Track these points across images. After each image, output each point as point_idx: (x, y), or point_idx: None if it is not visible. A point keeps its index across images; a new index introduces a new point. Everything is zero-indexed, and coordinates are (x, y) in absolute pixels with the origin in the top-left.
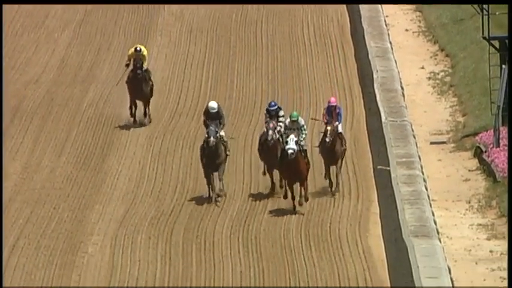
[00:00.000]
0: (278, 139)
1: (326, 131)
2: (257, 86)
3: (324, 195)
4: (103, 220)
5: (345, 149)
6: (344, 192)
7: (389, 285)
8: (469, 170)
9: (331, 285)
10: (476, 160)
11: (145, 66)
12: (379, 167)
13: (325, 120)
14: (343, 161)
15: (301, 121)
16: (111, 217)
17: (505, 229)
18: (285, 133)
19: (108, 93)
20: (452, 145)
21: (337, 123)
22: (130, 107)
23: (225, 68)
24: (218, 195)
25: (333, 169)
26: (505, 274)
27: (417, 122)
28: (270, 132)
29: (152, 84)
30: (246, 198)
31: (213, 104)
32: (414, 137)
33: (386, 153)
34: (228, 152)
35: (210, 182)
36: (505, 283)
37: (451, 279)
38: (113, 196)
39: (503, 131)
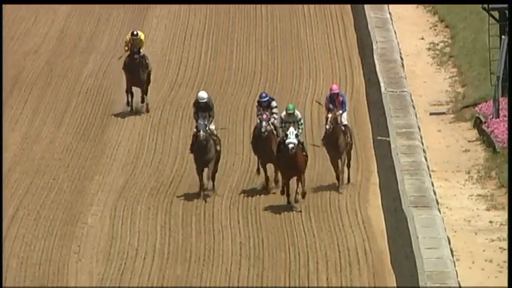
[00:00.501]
0: (272, 131)
1: (327, 119)
2: (256, 57)
3: (323, 166)
4: (102, 191)
5: (351, 143)
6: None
7: (388, 256)
8: (469, 141)
9: (330, 256)
10: (476, 131)
11: (142, 51)
12: (378, 137)
13: (328, 107)
14: (350, 164)
15: (298, 114)
16: (111, 188)
17: (504, 200)
18: (281, 126)
19: (107, 64)
20: (452, 116)
21: (340, 111)
22: (127, 94)
23: (224, 38)
24: (207, 196)
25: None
26: (504, 244)
27: (417, 93)
28: (264, 123)
29: (150, 71)
30: (245, 169)
31: (202, 94)
32: (414, 108)
33: (386, 124)
34: (218, 147)
35: (201, 179)
36: (505, 254)
37: (451, 249)
38: (112, 167)
39: (503, 102)
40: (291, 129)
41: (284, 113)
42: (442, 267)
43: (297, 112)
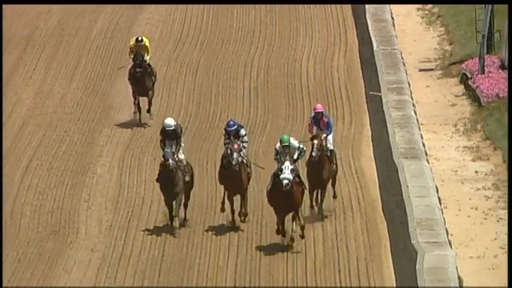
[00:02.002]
0: (243, 161)
1: (313, 145)
2: (256, 17)
3: None
4: (111, 143)
5: (335, 170)
6: (338, 117)
7: (380, 204)
8: (456, 96)
9: (325, 204)
10: (462, 86)
11: (147, 58)
12: (371, 92)
13: (314, 133)
14: (335, 184)
15: (295, 144)
16: (119, 140)
17: (489, 151)
18: (276, 159)
19: (115, 23)
20: (440, 72)
21: (325, 135)
22: (134, 105)
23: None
24: (182, 225)
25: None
26: (489, 193)
27: (407, 51)
28: (235, 155)
29: (155, 80)
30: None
31: (169, 121)
32: (404, 65)
33: (377, 80)
34: (187, 178)
35: (170, 211)
36: (489, 202)
37: (439, 198)
38: (120, 120)
39: (488, 59)
40: (287, 163)
41: (278, 144)
42: (431, 214)
43: (292, 142)
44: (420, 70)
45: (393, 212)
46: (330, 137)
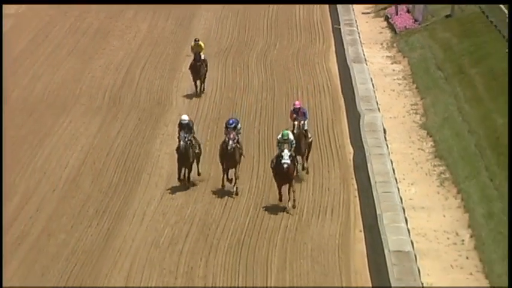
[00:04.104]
0: (237, 146)
1: (294, 125)
2: None
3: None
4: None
5: (310, 142)
6: (313, 40)
7: (340, 88)
8: (382, 27)
9: (304, 85)
10: (386, 22)
11: (202, 55)
12: (335, 26)
13: (294, 117)
14: (309, 153)
15: (291, 137)
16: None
17: (400, 59)
18: (277, 146)
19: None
20: (373, 14)
21: (302, 122)
22: (195, 85)
23: None
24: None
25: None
26: (400, 81)
27: (355, 5)
28: (230, 142)
29: (206, 70)
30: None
31: (184, 117)
32: (353, 10)
33: (338, 19)
34: (196, 150)
35: (179, 174)
36: (401, 86)
37: (372, 84)
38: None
39: (399, 7)
40: (286, 151)
41: (280, 136)
42: (368, 93)
43: (290, 136)
44: (362, 13)
45: (347, 91)
46: (306, 122)
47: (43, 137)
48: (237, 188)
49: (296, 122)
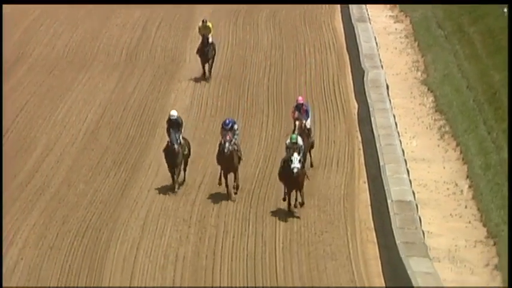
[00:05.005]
0: (234, 149)
1: (295, 125)
2: None
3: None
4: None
5: (313, 141)
6: (327, 8)
7: (345, 47)
8: None
9: (314, 44)
10: None
11: (210, 38)
12: None
13: (295, 116)
14: (312, 152)
15: (300, 142)
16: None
17: (403, 18)
18: (286, 150)
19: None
20: None
21: (304, 121)
22: (203, 68)
23: None
24: (179, 187)
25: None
26: (403, 40)
27: None
28: (227, 144)
29: (215, 53)
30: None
31: (173, 112)
32: None
33: None
34: (185, 152)
35: (173, 176)
36: (403, 44)
37: (376, 43)
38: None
39: None
40: (295, 155)
41: (288, 140)
42: (372, 50)
43: (299, 141)
44: None
45: (352, 50)
46: (309, 120)
47: (63, 93)
48: (235, 194)
49: (297, 122)
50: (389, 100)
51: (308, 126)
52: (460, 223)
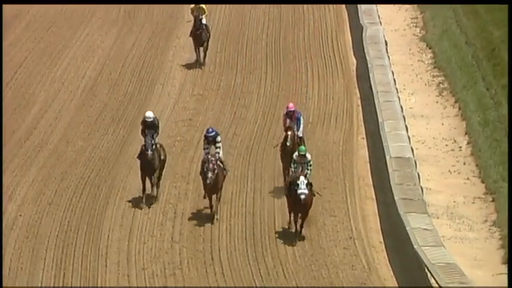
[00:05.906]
0: (219, 167)
1: (287, 135)
2: None
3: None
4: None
5: None
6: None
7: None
8: None
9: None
10: None
11: (204, 20)
12: None
13: (286, 125)
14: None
15: (308, 156)
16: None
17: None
18: (291, 166)
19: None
20: None
21: (296, 131)
22: (196, 53)
23: None
24: (150, 203)
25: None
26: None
27: None
28: (209, 174)
29: (209, 36)
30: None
31: (149, 114)
32: None
33: None
34: (162, 157)
35: (144, 185)
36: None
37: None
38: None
39: None
40: (302, 178)
41: (296, 153)
42: (371, 6)
43: (307, 154)
44: None
45: (350, 6)
46: (301, 128)
47: (61, 49)
48: (217, 214)
49: (290, 133)
50: (388, 56)
51: (300, 135)
52: (458, 179)
